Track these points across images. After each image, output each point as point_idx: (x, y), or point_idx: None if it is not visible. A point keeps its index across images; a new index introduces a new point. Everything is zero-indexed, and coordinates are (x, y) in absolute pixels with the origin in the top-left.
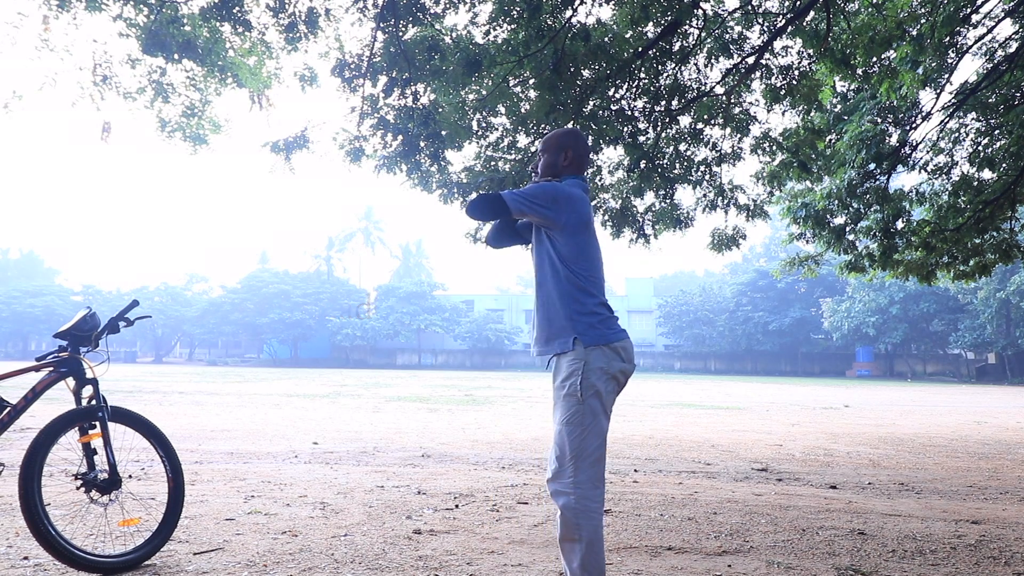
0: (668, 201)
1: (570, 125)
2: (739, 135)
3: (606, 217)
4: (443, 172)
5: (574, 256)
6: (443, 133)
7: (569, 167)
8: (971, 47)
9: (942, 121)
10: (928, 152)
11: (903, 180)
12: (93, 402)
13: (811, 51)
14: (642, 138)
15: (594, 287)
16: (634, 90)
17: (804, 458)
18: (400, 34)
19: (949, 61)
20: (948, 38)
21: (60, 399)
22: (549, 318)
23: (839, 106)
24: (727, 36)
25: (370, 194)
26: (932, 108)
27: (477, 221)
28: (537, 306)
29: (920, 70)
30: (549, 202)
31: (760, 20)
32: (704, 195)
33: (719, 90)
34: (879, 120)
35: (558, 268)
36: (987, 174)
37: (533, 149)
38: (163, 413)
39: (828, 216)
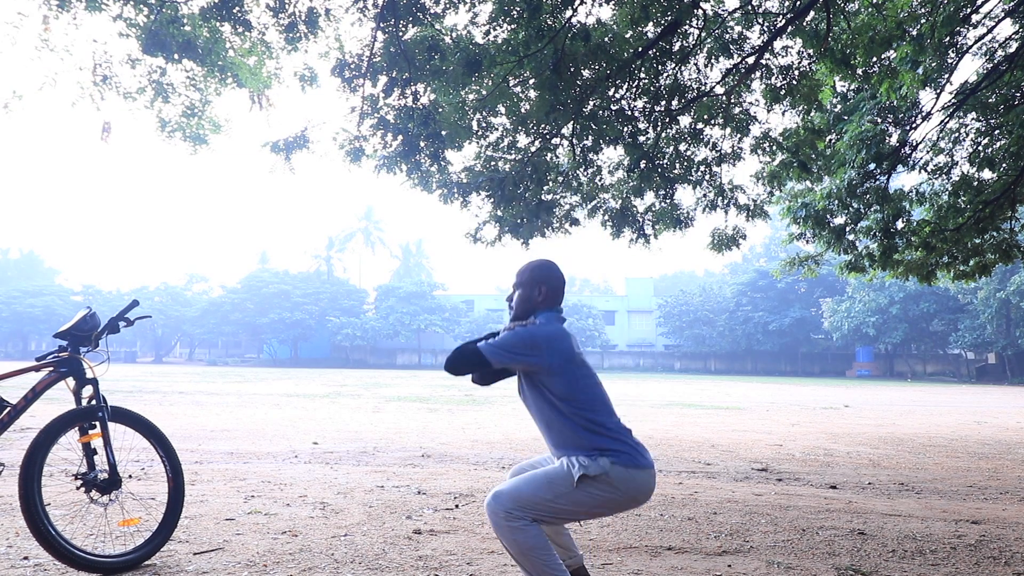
0: (668, 201)
1: (545, 258)
2: (739, 135)
3: (606, 217)
4: (443, 172)
5: (570, 393)
6: (443, 133)
7: (544, 302)
8: (971, 47)
9: (942, 121)
10: (928, 152)
11: (903, 180)
12: (93, 402)
13: (811, 51)
14: (642, 138)
15: (603, 412)
16: (634, 90)
17: (804, 458)
18: (400, 34)
19: (949, 61)
20: (948, 38)
21: (60, 399)
22: (568, 446)
23: (839, 106)
24: (727, 36)
25: (370, 194)
26: (932, 108)
27: (459, 376)
28: (550, 444)
29: (920, 70)
30: (529, 350)
31: (760, 20)
32: (704, 195)
33: (719, 90)
34: (879, 120)
35: (561, 408)
36: (987, 174)
37: (511, 283)
38: (163, 413)
39: (828, 216)
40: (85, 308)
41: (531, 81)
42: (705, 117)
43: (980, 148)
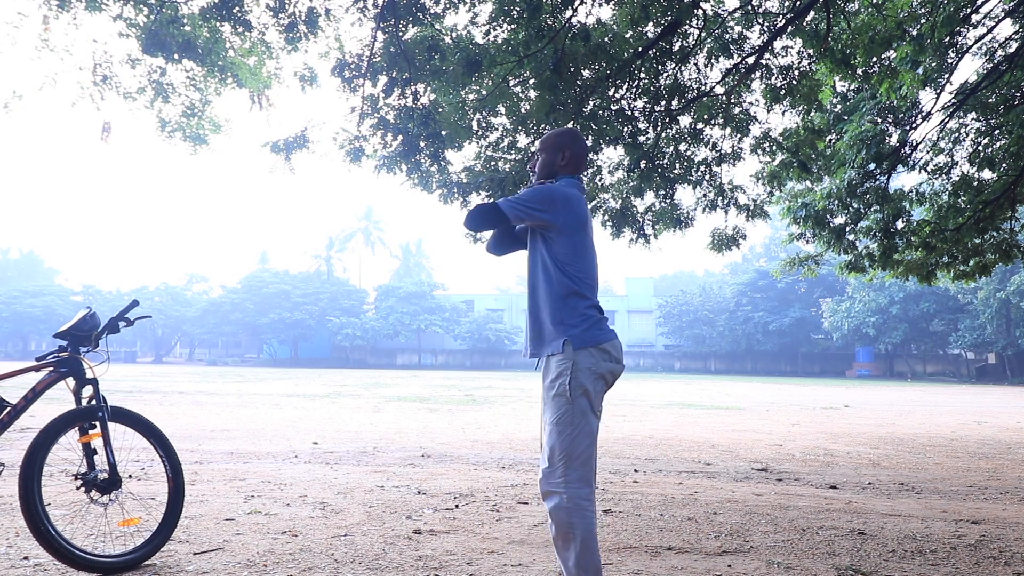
0: (668, 201)
1: (569, 125)
2: (739, 135)
3: (606, 217)
4: (443, 172)
5: (570, 258)
6: (443, 133)
7: (566, 167)
8: (971, 47)
9: (942, 121)
10: (928, 152)
11: (903, 180)
12: (93, 402)
13: (811, 51)
14: (642, 138)
15: (587, 289)
16: (634, 90)
17: (804, 458)
18: (400, 34)
19: (949, 61)
20: (948, 38)
21: (60, 399)
22: (540, 320)
23: (839, 106)
24: (727, 36)
25: (370, 194)
26: (932, 108)
27: (476, 232)
28: (529, 309)
29: (920, 70)
30: (546, 204)
31: (760, 20)
32: (704, 195)
33: (719, 90)
34: (879, 120)
35: (551, 271)
36: (987, 174)
37: (533, 149)
38: (163, 413)
39: (828, 216)
40: (85, 308)
41: (531, 81)
42: (705, 117)
43: (980, 148)
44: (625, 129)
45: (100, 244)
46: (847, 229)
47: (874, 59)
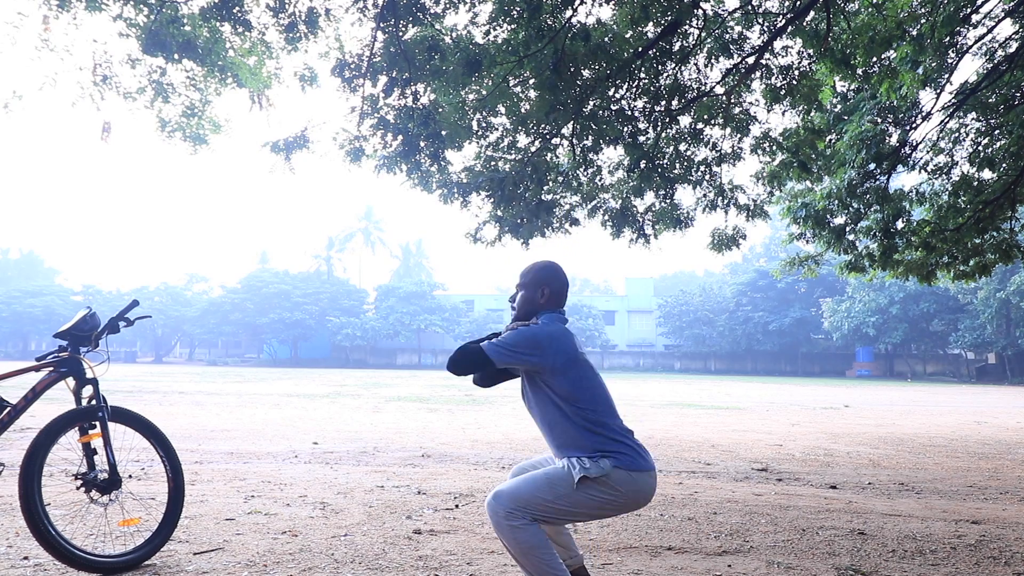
0: (668, 201)
1: (549, 259)
2: (739, 135)
3: (606, 217)
4: (443, 172)
5: (573, 394)
6: (443, 133)
7: (547, 304)
8: (971, 47)
9: (942, 121)
10: (928, 152)
11: (903, 180)
12: (93, 402)
13: (811, 51)
14: (642, 138)
15: (606, 414)
16: (634, 90)
17: (804, 458)
18: (400, 34)
19: (949, 61)
20: (948, 38)
21: (60, 399)
22: (570, 446)
23: (839, 106)
24: (727, 36)
25: (370, 194)
26: (932, 108)
27: (459, 376)
28: (552, 446)
29: (920, 70)
30: (532, 349)
31: (760, 20)
32: (704, 195)
33: (719, 90)
34: (879, 120)
35: (563, 408)
36: (987, 174)
37: (515, 284)
38: (163, 413)
39: (828, 216)
40: (85, 308)
41: (531, 81)
42: (705, 117)
43: (980, 148)
44: (625, 129)
45: (100, 244)
46: (847, 229)
47: (874, 59)
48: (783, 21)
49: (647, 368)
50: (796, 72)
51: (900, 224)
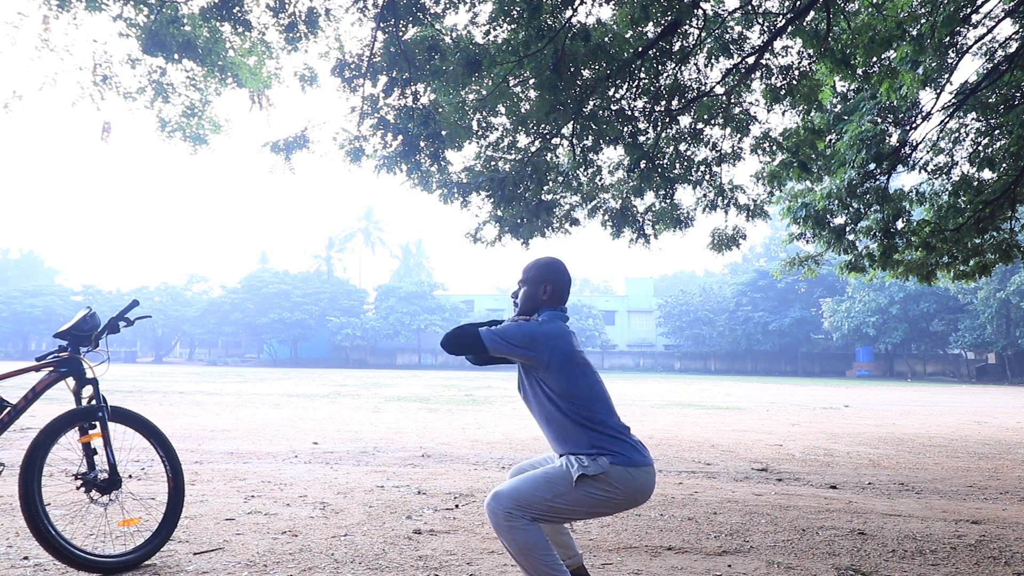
0: (668, 201)
1: (552, 256)
2: (739, 135)
3: (606, 217)
4: (443, 172)
5: (567, 392)
6: (443, 133)
7: (548, 300)
8: (971, 47)
9: (942, 121)
10: (928, 152)
11: (903, 180)
12: (93, 402)
13: (811, 51)
14: (642, 138)
15: (603, 411)
16: (634, 90)
17: (804, 458)
18: (400, 34)
19: (949, 61)
20: (948, 38)
21: (60, 399)
22: (568, 440)
23: (839, 106)
24: (727, 36)
25: (370, 194)
26: (932, 108)
27: (452, 354)
28: (551, 440)
29: (920, 70)
30: (527, 344)
31: (760, 20)
32: (704, 195)
33: (719, 90)
34: (879, 120)
35: (559, 404)
36: (987, 174)
37: (518, 280)
38: (163, 413)
39: (828, 216)
40: (85, 308)
41: (531, 81)
42: (705, 117)
43: (980, 148)
44: (625, 129)
45: (100, 244)
46: (847, 229)
47: (874, 59)
48: (783, 21)
49: (647, 368)
50: (796, 72)
51: (900, 224)
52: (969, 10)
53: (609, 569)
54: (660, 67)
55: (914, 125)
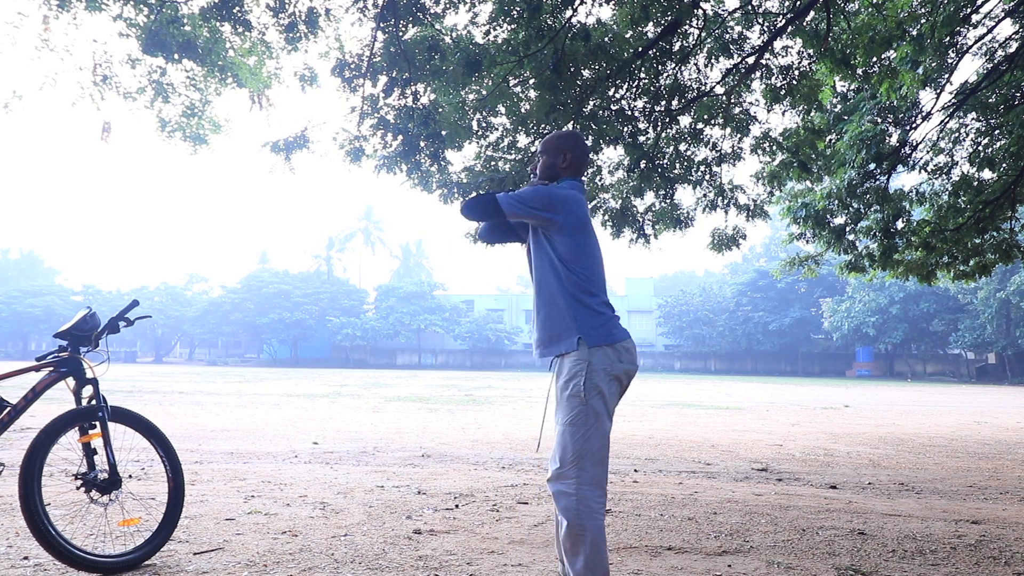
0: (668, 201)
1: (570, 127)
2: (739, 135)
3: (606, 217)
4: (443, 172)
5: (574, 257)
6: (443, 133)
7: (567, 169)
8: (971, 47)
9: (942, 121)
10: (928, 152)
11: (903, 180)
12: (93, 402)
13: (811, 51)
14: (642, 138)
15: (596, 287)
16: (634, 90)
17: (804, 458)
18: (400, 34)
19: (949, 61)
20: (948, 38)
21: (60, 399)
22: (551, 319)
23: (839, 106)
24: (727, 36)
25: (370, 194)
26: (932, 108)
27: (472, 221)
28: (538, 307)
29: (920, 70)
30: (544, 205)
31: (760, 20)
32: (704, 195)
33: (719, 90)
34: (879, 120)
35: (559, 269)
36: (987, 174)
37: (533, 149)
38: (163, 413)
39: (828, 216)
40: (85, 308)
41: (531, 81)
42: (705, 117)
43: (980, 148)
44: (625, 129)
45: (100, 244)
46: (847, 229)
47: (874, 59)
48: (783, 21)
49: (647, 368)
50: (796, 72)
51: (900, 224)
52: (969, 10)
53: (609, 569)
54: (660, 67)
55: (914, 125)
